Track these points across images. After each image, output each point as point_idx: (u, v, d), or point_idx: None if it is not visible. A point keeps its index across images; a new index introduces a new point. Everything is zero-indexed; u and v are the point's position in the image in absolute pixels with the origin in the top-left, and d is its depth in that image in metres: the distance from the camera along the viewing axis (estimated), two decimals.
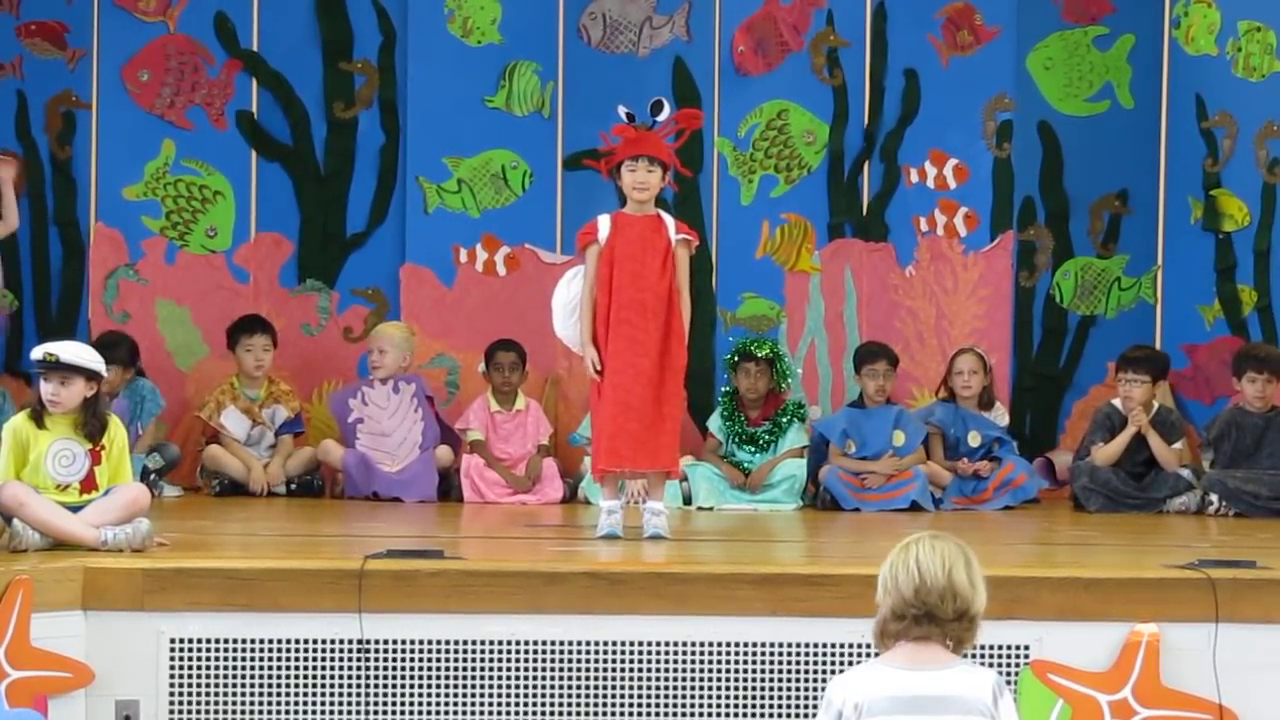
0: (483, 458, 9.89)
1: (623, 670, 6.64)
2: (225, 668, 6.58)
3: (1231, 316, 10.71)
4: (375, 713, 6.59)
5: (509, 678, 6.61)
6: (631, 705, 6.64)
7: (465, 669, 6.61)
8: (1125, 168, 10.76)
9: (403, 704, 6.59)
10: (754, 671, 6.64)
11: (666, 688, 6.64)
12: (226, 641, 6.57)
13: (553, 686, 6.62)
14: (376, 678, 6.59)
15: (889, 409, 9.93)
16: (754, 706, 6.65)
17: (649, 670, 6.64)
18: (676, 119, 8.06)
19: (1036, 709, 6.53)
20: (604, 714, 6.63)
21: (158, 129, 10.38)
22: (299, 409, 10.17)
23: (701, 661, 6.64)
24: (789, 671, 6.65)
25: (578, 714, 6.63)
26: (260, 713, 6.59)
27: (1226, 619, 6.63)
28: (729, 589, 6.69)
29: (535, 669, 6.62)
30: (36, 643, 6.37)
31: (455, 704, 6.61)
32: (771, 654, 6.64)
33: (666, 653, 6.64)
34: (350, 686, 6.58)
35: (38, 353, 7.05)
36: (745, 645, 6.64)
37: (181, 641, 6.56)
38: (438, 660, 6.61)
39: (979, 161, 10.58)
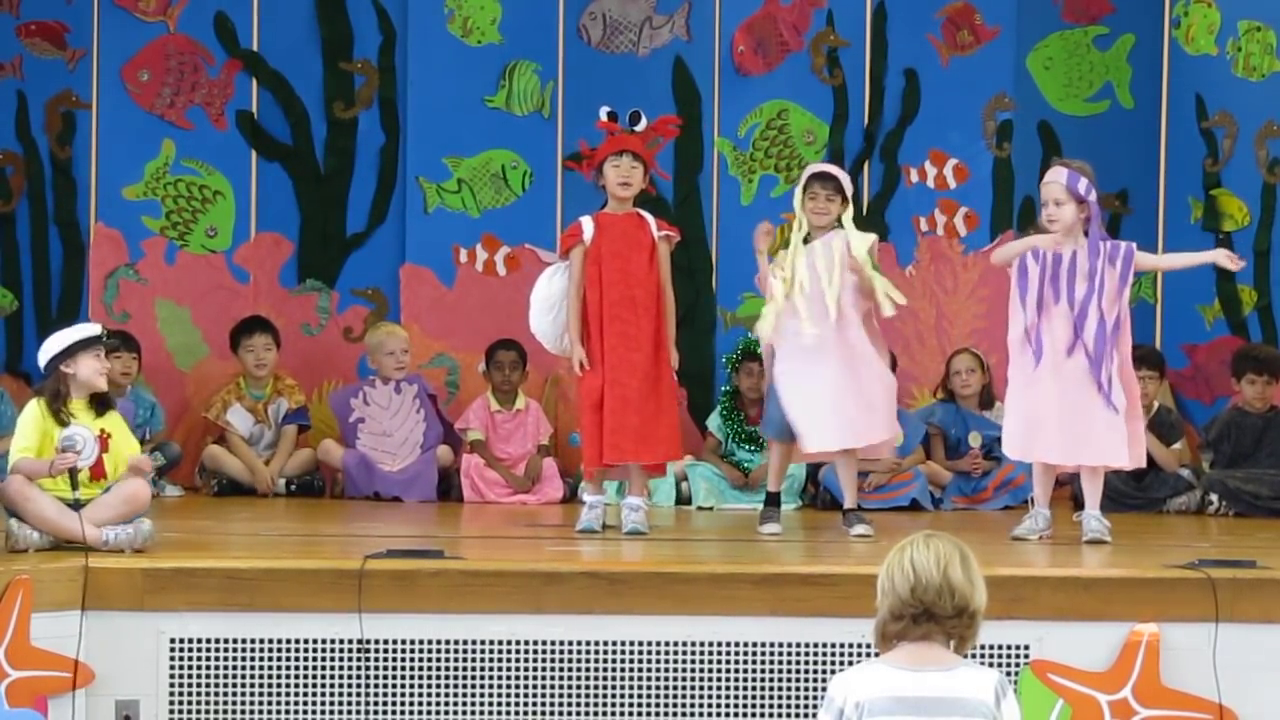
0: (483, 457, 9.89)
1: (623, 670, 6.64)
2: (225, 668, 6.58)
3: (1231, 316, 10.70)
4: (375, 713, 6.59)
5: (509, 678, 6.62)
6: (631, 705, 6.64)
7: (465, 669, 6.62)
8: (1125, 168, 10.75)
9: (403, 704, 6.60)
10: (754, 671, 6.65)
11: (666, 688, 6.64)
12: (226, 641, 6.58)
13: (553, 686, 6.62)
14: (376, 678, 6.59)
15: None
16: (754, 706, 6.65)
17: (649, 670, 6.64)
18: (654, 128, 8.30)
19: (1036, 709, 6.53)
20: (604, 714, 6.63)
21: (158, 129, 10.37)
22: (304, 401, 10.15)
23: (701, 661, 6.64)
24: (789, 671, 6.65)
25: (578, 714, 6.63)
26: (260, 713, 6.59)
27: (1226, 619, 6.63)
28: (729, 589, 6.70)
29: (535, 669, 6.62)
30: (36, 643, 6.37)
31: (455, 704, 6.61)
32: (771, 654, 6.65)
33: (666, 653, 6.64)
34: (350, 686, 6.59)
35: (94, 329, 7.06)
36: (745, 645, 6.64)
37: (181, 641, 6.57)
38: (438, 660, 6.61)
39: (979, 161, 10.57)
